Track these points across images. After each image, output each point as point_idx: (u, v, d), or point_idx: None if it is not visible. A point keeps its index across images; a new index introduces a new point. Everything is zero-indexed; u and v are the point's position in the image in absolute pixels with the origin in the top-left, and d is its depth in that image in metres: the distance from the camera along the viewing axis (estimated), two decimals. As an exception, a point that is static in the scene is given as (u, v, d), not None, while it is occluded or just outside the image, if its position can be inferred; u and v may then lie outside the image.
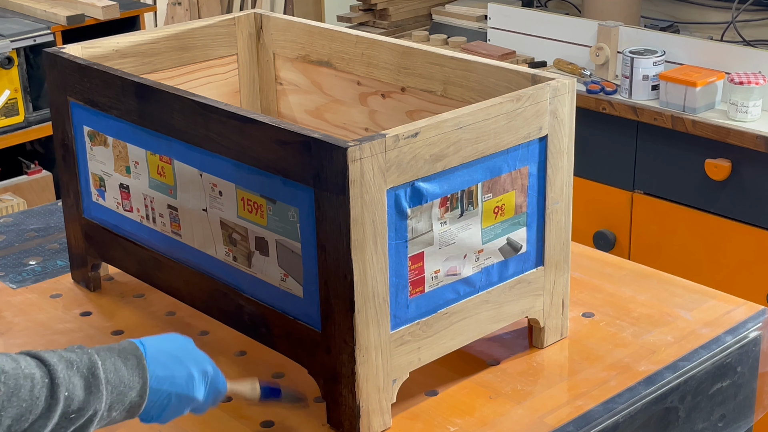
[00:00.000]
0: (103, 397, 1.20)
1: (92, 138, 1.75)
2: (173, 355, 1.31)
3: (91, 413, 1.19)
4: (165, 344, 1.32)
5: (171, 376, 1.29)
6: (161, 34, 1.88)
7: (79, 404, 1.18)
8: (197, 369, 1.33)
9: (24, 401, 1.14)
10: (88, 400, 1.19)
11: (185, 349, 1.34)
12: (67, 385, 1.17)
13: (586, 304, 1.77)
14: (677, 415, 1.58)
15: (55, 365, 1.18)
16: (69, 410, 1.18)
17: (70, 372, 1.19)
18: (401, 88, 1.79)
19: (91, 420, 1.20)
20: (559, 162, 1.56)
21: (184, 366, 1.31)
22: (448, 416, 1.48)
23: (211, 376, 1.35)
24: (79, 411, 1.18)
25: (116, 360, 1.25)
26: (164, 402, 1.29)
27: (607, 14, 3.41)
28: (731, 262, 2.92)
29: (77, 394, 1.18)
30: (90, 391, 1.19)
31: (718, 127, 2.84)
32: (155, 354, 1.29)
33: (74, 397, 1.18)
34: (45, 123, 3.62)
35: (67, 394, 1.17)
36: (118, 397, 1.23)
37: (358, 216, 1.34)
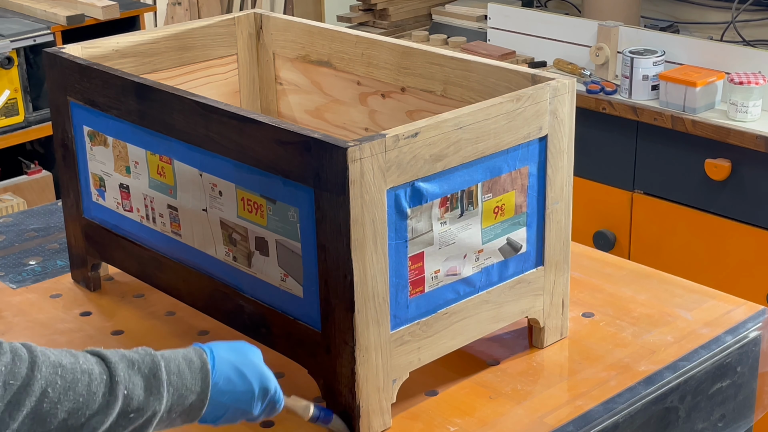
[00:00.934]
0: (164, 399, 1.20)
1: (92, 138, 1.75)
2: (238, 368, 1.30)
3: (150, 413, 1.19)
4: (232, 354, 1.31)
5: (232, 390, 1.29)
6: (161, 34, 1.88)
7: (138, 404, 1.18)
8: (259, 386, 1.32)
9: (80, 396, 1.13)
10: (148, 400, 1.19)
11: (251, 364, 1.32)
12: (126, 384, 1.17)
13: (586, 304, 1.77)
14: (677, 415, 1.58)
15: (116, 363, 1.18)
16: (128, 409, 1.17)
17: (131, 371, 1.19)
18: (401, 88, 1.79)
19: (150, 420, 1.20)
20: (559, 162, 1.56)
21: (247, 382, 1.30)
22: (448, 416, 1.48)
23: (271, 395, 1.34)
24: (139, 410, 1.18)
25: (180, 363, 1.24)
26: (221, 412, 1.29)
27: (607, 14, 3.41)
28: (731, 262, 2.92)
29: (137, 393, 1.18)
30: (150, 392, 1.19)
31: (718, 127, 2.84)
32: (221, 364, 1.29)
33: (134, 396, 1.18)
34: (45, 123, 3.62)
35: (126, 392, 1.17)
36: (178, 400, 1.22)
37: (358, 216, 1.34)
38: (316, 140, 1.34)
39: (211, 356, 1.29)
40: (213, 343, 1.32)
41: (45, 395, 1.11)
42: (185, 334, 1.71)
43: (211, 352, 1.29)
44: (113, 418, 1.16)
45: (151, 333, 1.72)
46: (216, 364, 1.28)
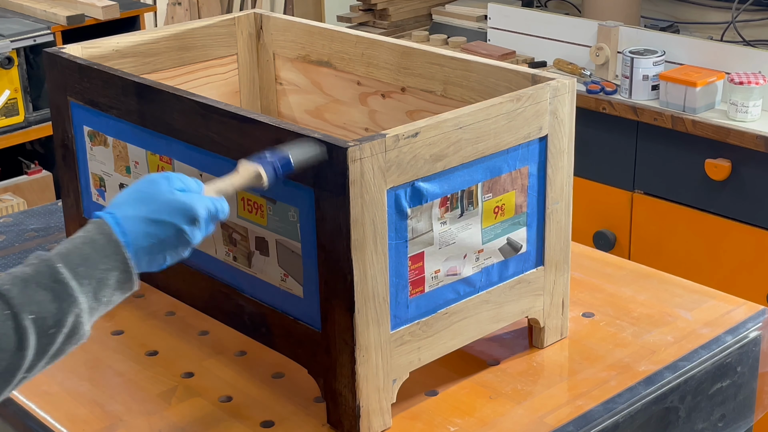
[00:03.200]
0: (78, 297, 1.13)
1: (92, 138, 1.75)
2: (149, 218, 1.21)
3: (74, 317, 1.12)
4: (138, 207, 1.21)
5: (158, 241, 1.21)
6: (161, 34, 1.88)
7: (53, 318, 1.11)
8: (184, 220, 1.22)
9: None
10: (61, 308, 1.12)
11: (163, 203, 1.21)
12: (30, 307, 1.10)
13: (586, 304, 1.77)
14: (677, 415, 1.58)
15: (10, 291, 1.10)
16: (44, 328, 1.10)
17: (27, 291, 1.11)
18: (401, 88, 1.79)
19: (78, 321, 1.13)
20: (559, 162, 1.56)
21: (167, 225, 1.21)
22: (448, 416, 1.48)
23: (206, 216, 1.24)
24: (57, 323, 1.11)
25: (82, 249, 1.16)
26: (160, 260, 1.23)
27: (607, 14, 3.41)
28: (731, 262, 2.92)
29: (46, 309, 1.11)
30: (60, 299, 1.12)
31: (718, 127, 2.84)
32: (129, 224, 1.20)
33: (45, 314, 1.10)
34: (45, 123, 3.62)
35: (33, 316, 1.10)
36: (99, 286, 1.15)
37: (358, 216, 1.34)
38: (316, 140, 1.34)
39: (115, 222, 1.20)
40: (113, 204, 1.22)
41: None
42: (185, 334, 1.71)
43: (113, 216, 1.20)
44: (34, 346, 1.10)
45: (151, 333, 1.72)
46: (125, 228, 1.19)
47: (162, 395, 1.55)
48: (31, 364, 1.11)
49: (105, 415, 1.51)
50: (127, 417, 1.51)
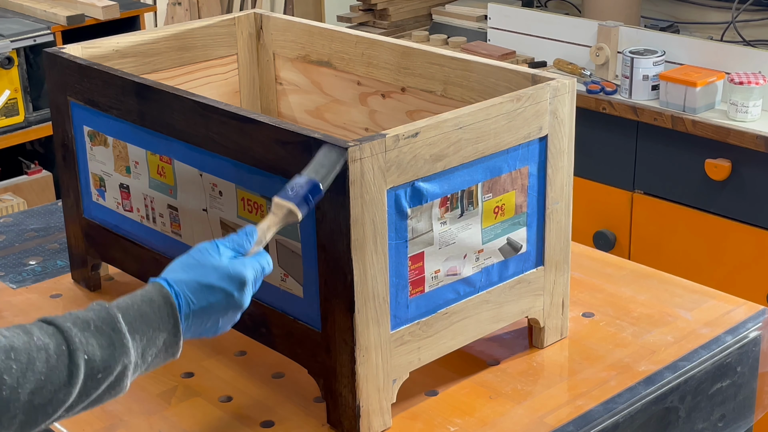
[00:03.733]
0: (130, 349, 1.17)
1: (92, 138, 1.75)
2: (201, 282, 1.24)
3: (121, 367, 1.16)
4: (190, 272, 1.25)
5: (209, 305, 1.24)
6: (161, 34, 1.88)
7: (103, 363, 1.14)
8: (235, 285, 1.26)
9: (41, 374, 1.10)
10: (113, 356, 1.15)
11: (213, 269, 1.26)
12: (85, 348, 1.13)
13: (586, 304, 1.77)
14: (677, 415, 1.58)
15: (70, 329, 1.14)
16: (93, 371, 1.14)
17: (87, 333, 1.15)
18: (401, 88, 1.79)
19: (123, 373, 1.17)
20: (559, 162, 1.56)
21: (217, 290, 1.25)
22: (448, 416, 1.48)
23: (252, 279, 1.28)
24: (106, 369, 1.15)
25: (141, 306, 1.20)
26: (211, 325, 1.25)
27: (607, 14, 3.41)
28: (731, 262, 2.92)
29: (98, 355, 1.14)
30: (113, 347, 1.15)
31: (718, 127, 2.84)
32: (182, 288, 1.23)
33: (96, 358, 1.14)
34: (45, 123, 3.62)
35: (87, 357, 1.13)
36: (148, 344, 1.19)
37: (358, 216, 1.34)
38: (316, 140, 1.34)
39: (169, 286, 1.23)
40: (167, 271, 1.26)
41: (2, 383, 1.08)
42: (185, 334, 1.71)
43: (166, 281, 1.24)
44: (80, 385, 1.13)
45: (151, 333, 1.72)
46: (177, 290, 1.23)
47: (162, 395, 1.55)
48: (72, 403, 1.14)
49: (105, 415, 1.51)
50: (127, 417, 1.51)
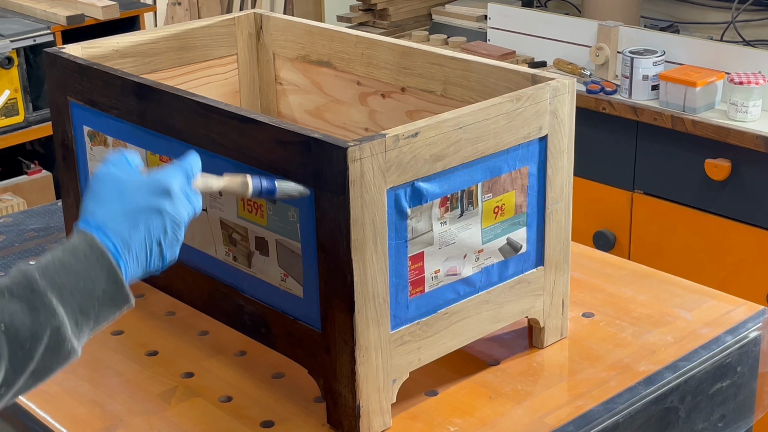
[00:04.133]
0: (57, 309, 1.06)
1: (92, 138, 1.75)
2: (126, 210, 1.14)
3: (52, 331, 1.06)
4: (109, 205, 1.14)
5: (141, 235, 1.15)
6: (161, 34, 1.88)
7: (28, 330, 1.04)
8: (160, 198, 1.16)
9: None
10: (37, 320, 1.05)
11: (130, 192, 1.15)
12: (2, 317, 1.03)
13: (586, 304, 1.77)
14: (677, 415, 1.58)
15: None
16: (19, 341, 1.04)
17: (2, 301, 1.04)
18: (401, 88, 1.79)
19: (59, 336, 1.07)
20: (559, 162, 1.56)
21: (143, 213, 1.15)
22: (448, 416, 1.48)
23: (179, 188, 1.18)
24: (34, 336, 1.04)
25: (63, 258, 1.09)
26: (156, 256, 1.17)
27: (607, 14, 3.41)
28: (731, 262, 2.92)
29: (20, 320, 1.04)
30: (36, 311, 1.05)
31: (718, 127, 2.84)
32: (107, 225, 1.13)
33: (17, 326, 1.03)
34: (45, 123, 3.62)
35: (3, 325, 1.03)
36: (84, 297, 1.09)
37: (358, 216, 1.34)
38: (316, 140, 1.34)
39: (96, 228, 1.13)
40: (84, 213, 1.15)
41: None
42: (185, 334, 1.71)
43: (87, 224, 1.13)
44: (8, 359, 1.03)
45: (151, 333, 1.72)
46: (103, 230, 1.12)
47: (162, 395, 1.55)
48: (6, 377, 1.05)
49: (105, 415, 1.51)
50: (127, 417, 1.51)
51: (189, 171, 1.24)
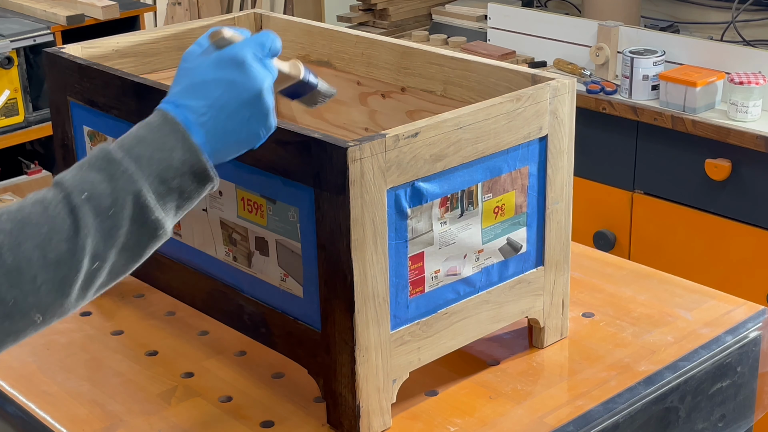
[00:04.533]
0: (135, 176, 1.07)
1: (92, 138, 1.75)
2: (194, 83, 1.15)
3: (133, 197, 1.06)
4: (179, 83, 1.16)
5: (212, 104, 1.14)
6: (161, 34, 1.88)
7: (109, 197, 1.05)
8: (229, 69, 1.15)
9: (41, 225, 1.02)
10: (117, 187, 1.05)
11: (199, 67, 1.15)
12: (82, 187, 1.05)
13: (586, 304, 1.77)
14: (677, 415, 1.58)
15: (62, 177, 1.06)
16: (101, 208, 1.05)
17: (80, 173, 1.06)
18: (401, 88, 1.79)
19: (143, 205, 1.07)
20: (559, 162, 1.56)
21: (211, 84, 1.15)
22: (448, 416, 1.48)
23: (251, 56, 1.17)
24: (115, 202, 1.05)
25: (137, 132, 1.11)
26: (239, 129, 1.15)
27: (607, 14, 3.41)
28: (731, 262, 2.92)
29: (100, 188, 1.05)
30: (114, 179, 1.05)
31: (718, 127, 2.84)
32: (177, 99, 1.14)
33: (98, 193, 1.05)
34: (45, 123, 3.62)
35: (86, 194, 1.04)
36: (161, 166, 1.09)
37: (358, 216, 1.34)
38: (316, 140, 1.34)
39: (164, 104, 1.14)
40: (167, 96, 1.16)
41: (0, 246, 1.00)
42: (185, 334, 1.71)
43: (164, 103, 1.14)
44: (94, 228, 1.04)
45: (151, 333, 1.72)
46: (174, 104, 1.13)
47: (162, 395, 1.55)
48: (97, 250, 1.05)
49: (105, 415, 1.51)
50: (127, 417, 1.51)
51: (264, 42, 1.21)
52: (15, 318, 1.01)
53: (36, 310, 1.03)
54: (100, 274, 1.07)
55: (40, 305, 1.03)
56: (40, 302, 1.02)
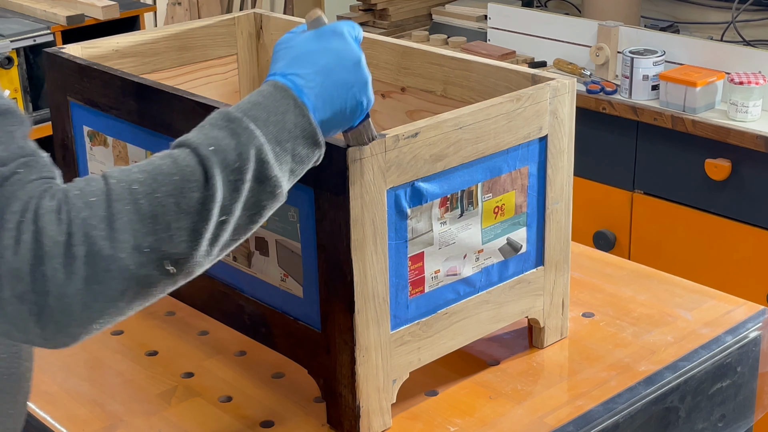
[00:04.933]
0: (255, 132, 1.11)
1: (92, 138, 1.75)
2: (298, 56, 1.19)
3: (256, 152, 1.10)
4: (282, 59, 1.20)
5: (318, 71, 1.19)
6: (161, 34, 1.88)
7: (234, 151, 1.09)
8: (332, 39, 1.21)
9: (172, 175, 1.05)
10: (240, 142, 1.09)
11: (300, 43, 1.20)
12: (208, 141, 1.09)
13: (586, 304, 1.77)
14: (677, 415, 1.58)
15: (184, 137, 1.10)
16: (228, 161, 1.08)
17: (203, 131, 1.10)
18: (401, 88, 1.78)
19: (263, 161, 1.10)
20: (559, 162, 1.56)
21: (314, 54, 1.20)
22: (448, 416, 1.48)
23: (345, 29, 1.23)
24: (240, 157, 1.09)
25: (251, 98, 1.15)
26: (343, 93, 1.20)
27: (607, 14, 3.41)
28: (731, 262, 2.92)
29: (225, 143, 1.09)
30: (237, 134, 1.10)
31: (718, 127, 2.84)
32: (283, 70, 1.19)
33: (224, 147, 1.09)
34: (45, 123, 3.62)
35: (212, 148, 1.08)
36: (277, 127, 1.13)
37: (358, 216, 1.34)
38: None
39: (271, 76, 1.19)
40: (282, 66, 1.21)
41: (135, 193, 1.03)
42: (185, 334, 1.71)
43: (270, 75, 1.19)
44: (222, 179, 1.07)
45: (150, 333, 1.72)
46: (283, 74, 1.18)
47: (162, 395, 1.55)
48: (224, 202, 1.08)
49: (105, 415, 1.51)
50: (127, 417, 1.51)
51: (354, 26, 1.26)
52: (149, 267, 1.03)
53: (169, 260, 1.05)
54: (226, 228, 1.10)
55: (173, 255, 1.05)
56: (173, 251, 1.05)
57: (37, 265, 0.97)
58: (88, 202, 1.02)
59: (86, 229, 1.00)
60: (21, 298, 0.97)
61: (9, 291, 0.97)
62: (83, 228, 1.00)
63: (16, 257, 0.97)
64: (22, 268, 0.97)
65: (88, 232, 1.00)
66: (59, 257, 0.98)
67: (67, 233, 0.99)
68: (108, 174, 1.06)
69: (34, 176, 1.04)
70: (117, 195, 1.03)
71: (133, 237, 1.02)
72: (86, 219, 1.00)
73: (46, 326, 0.99)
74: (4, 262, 0.97)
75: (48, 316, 0.98)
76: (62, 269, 0.98)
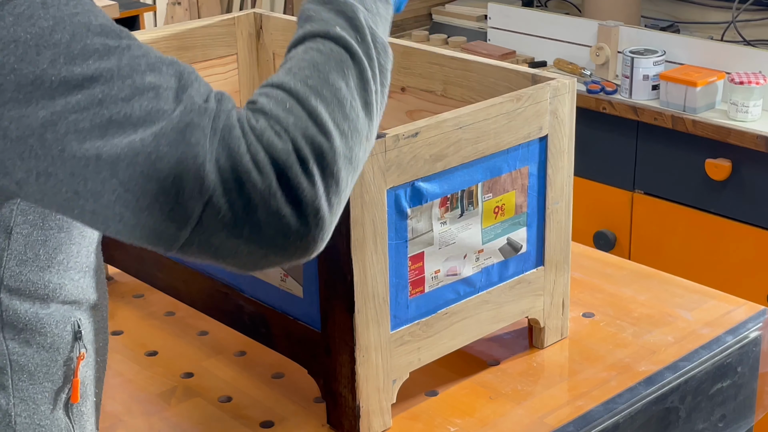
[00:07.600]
0: (353, 3, 1.13)
1: (92, 138, 1.74)
2: None
3: (363, 20, 1.12)
4: None
5: None
6: (161, 34, 1.88)
7: (347, 24, 1.11)
8: None
9: (327, 62, 1.06)
10: (347, 16, 1.12)
11: None
12: (326, 26, 1.10)
13: (586, 304, 1.77)
14: (677, 415, 1.58)
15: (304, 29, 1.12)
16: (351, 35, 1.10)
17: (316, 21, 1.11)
18: (401, 88, 1.78)
19: (369, 27, 1.13)
20: (559, 162, 1.56)
21: None
22: (448, 416, 1.48)
23: None
24: (358, 29, 1.11)
25: None
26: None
27: (607, 14, 3.41)
28: (731, 262, 2.92)
29: (339, 21, 1.10)
30: (341, 11, 1.12)
31: (719, 127, 2.84)
32: None
33: (343, 24, 1.10)
34: (45, 123, 3.61)
35: (337, 27, 1.10)
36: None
37: (358, 216, 1.34)
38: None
39: None
40: None
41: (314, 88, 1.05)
42: (185, 334, 1.71)
43: None
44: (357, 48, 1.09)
45: (150, 333, 1.72)
46: None
47: (162, 395, 1.55)
48: (373, 71, 1.11)
49: (105, 415, 1.51)
50: (126, 417, 1.51)
51: None
52: (356, 148, 1.06)
53: (360, 135, 1.07)
54: (382, 96, 1.13)
55: (362, 131, 1.08)
56: (362, 127, 1.08)
57: (282, 179, 0.99)
58: (286, 108, 1.04)
59: (302, 131, 1.02)
60: (277, 213, 0.99)
61: (263, 212, 0.99)
62: (298, 131, 1.02)
63: (262, 176, 0.99)
64: (271, 185, 0.99)
65: (304, 133, 1.02)
66: (296, 164, 1.00)
67: (291, 140, 1.01)
68: (276, 82, 1.08)
69: (230, 105, 1.07)
70: (303, 94, 1.05)
71: (336, 126, 1.04)
72: (295, 123, 1.03)
73: (306, 234, 1.01)
74: (253, 186, 0.99)
75: (305, 223, 1.00)
76: (302, 174, 1.00)
